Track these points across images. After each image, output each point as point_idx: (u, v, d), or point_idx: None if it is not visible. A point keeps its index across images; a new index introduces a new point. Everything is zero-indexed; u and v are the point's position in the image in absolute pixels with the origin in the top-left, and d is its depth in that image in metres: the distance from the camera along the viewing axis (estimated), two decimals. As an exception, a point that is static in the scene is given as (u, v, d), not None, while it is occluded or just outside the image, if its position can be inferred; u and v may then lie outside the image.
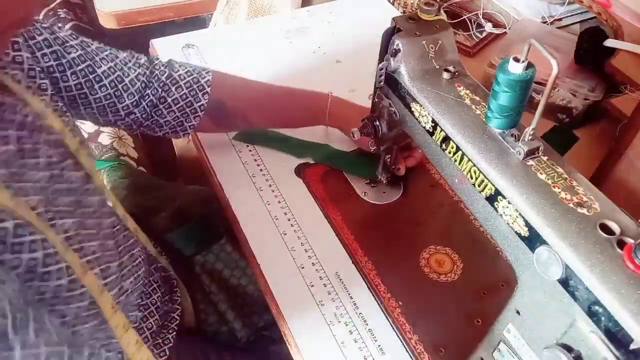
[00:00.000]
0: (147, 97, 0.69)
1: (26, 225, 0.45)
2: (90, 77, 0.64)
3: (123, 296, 0.61)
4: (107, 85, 0.66)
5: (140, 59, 0.71)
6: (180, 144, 1.21)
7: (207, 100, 0.72)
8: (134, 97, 0.68)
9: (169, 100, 0.71)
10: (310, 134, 0.83)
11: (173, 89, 0.71)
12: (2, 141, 0.49)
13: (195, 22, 1.26)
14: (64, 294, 0.48)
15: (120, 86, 0.67)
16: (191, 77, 0.72)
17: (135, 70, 0.69)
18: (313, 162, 0.81)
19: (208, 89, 0.72)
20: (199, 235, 0.84)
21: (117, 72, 0.67)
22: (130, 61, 0.69)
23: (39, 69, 0.59)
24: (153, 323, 0.68)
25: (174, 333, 0.70)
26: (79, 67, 0.63)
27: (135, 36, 1.21)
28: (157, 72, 0.70)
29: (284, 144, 0.82)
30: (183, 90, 0.71)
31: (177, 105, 0.71)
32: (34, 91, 0.56)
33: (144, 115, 0.71)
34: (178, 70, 0.72)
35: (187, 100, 0.71)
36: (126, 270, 0.62)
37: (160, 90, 0.70)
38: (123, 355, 0.58)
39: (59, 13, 1.22)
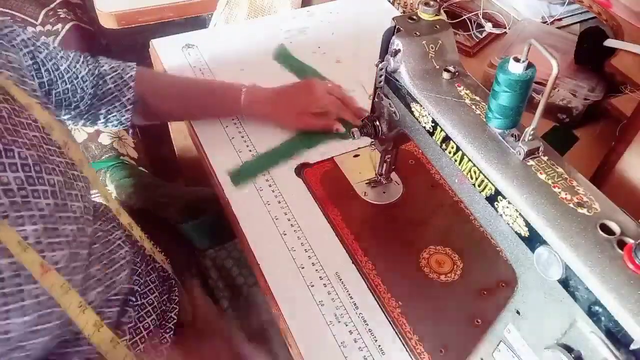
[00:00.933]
0: (87, 91, 0.74)
1: None
2: (56, 73, 0.69)
3: (92, 302, 0.60)
4: (67, 80, 0.71)
5: (86, 57, 0.76)
6: (180, 144, 1.21)
7: (132, 94, 0.77)
8: (83, 92, 0.74)
9: (99, 94, 0.76)
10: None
11: (101, 83, 0.76)
12: None
13: (195, 22, 1.26)
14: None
15: (75, 82, 0.72)
16: (115, 72, 0.76)
17: (86, 68, 0.74)
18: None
19: (132, 84, 0.76)
20: (212, 230, 0.85)
21: (72, 69, 0.72)
22: (79, 60, 0.74)
23: (24, 66, 0.62)
24: (150, 323, 0.68)
25: (172, 333, 0.70)
26: (48, 65, 0.68)
27: (135, 36, 1.21)
28: (90, 67, 0.75)
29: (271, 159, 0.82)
30: (108, 85, 0.76)
31: (107, 100, 0.76)
32: (18, 82, 0.57)
33: (85, 109, 0.76)
34: (103, 66, 0.77)
35: (114, 95, 0.76)
36: (92, 281, 0.61)
37: (94, 85, 0.75)
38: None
39: (59, 13, 1.22)
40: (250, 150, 0.82)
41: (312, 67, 0.96)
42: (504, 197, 0.46)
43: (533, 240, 0.44)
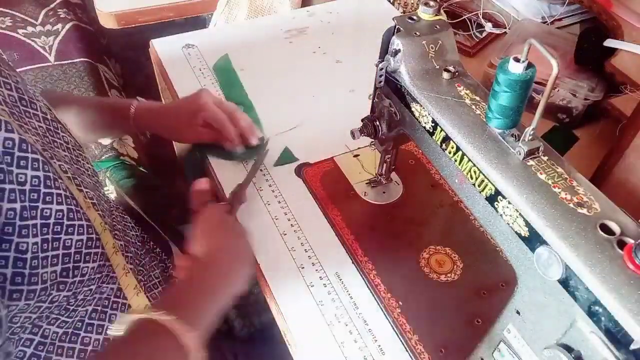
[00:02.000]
0: None
1: (28, 142, 0.47)
2: None
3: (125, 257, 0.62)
4: None
5: None
6: (180, 144, 1.21)
7: None
8: None
9: None
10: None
11: None
12: (5, 87, 0.51)
13: (195, 22, 1.26)
14: (66, 222, 0.50)
15: None
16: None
17: None
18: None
19: None
20: None
21: None
22: None
23: None
24: (150, 297, 0.68)
25: None
26: None
27: (135, 36, 1.21)
28: None
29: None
30: None
31: None
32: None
33: None
34: None
35: None
36: (118, 231, 0.63)
37: None
38: (121, 292, 0.60)
39: (59, 13, 1.22)
40: (250, 150, 0.82)
41: (243, 86, 0.90)
42: (504, 197, 0.46)
43: (533, 240, 0.44)
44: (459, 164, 0.51)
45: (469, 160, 0.50)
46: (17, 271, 0.47)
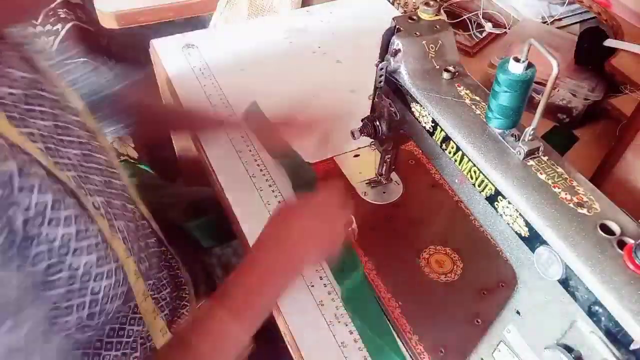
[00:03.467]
0: None
1: (62, 199, 0.46)
2: None
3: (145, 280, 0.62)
4: None
5: None
6: (180, 143, 1.21)
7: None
8: None
9: None
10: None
11: None
12: (41, 116, 0.50)
13: (195, 22, 1.26)
14: (95, 270, 0.50)
15: None
16: None
17: None
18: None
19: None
20: (217, 228, 0.85)
21: None
22: None
23: None
24: (164, 318, 0.68)
25: None
26: None
27: (135, 36, 1.21)
28: None
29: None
30: None
31: None
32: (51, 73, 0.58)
33: None
34: None
35: None
36: (143, 255, 0.63)
37: None
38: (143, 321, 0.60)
39: (59, 13, 1.22)
40: (250, 151, 0.82)
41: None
42: (504, 197, 0.46)
43: (533, 240, 0.44)
44: (459, 164, 0.51)
45: (469, 160, 0.50)
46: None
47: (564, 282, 0.41)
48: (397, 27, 0.57)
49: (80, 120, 0.58)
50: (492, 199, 0.48)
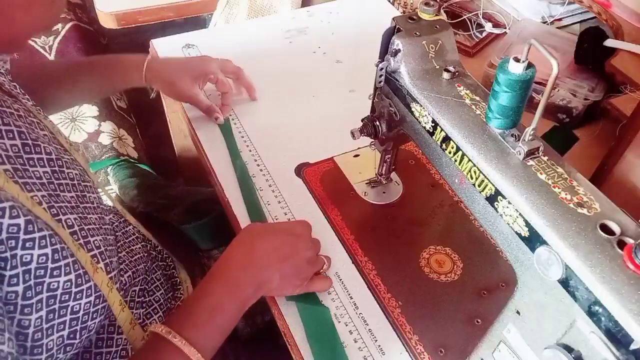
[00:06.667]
0: None
1: (35, 221, 0.46)
2: None
3: (122, 291, 0.61)
4: None
5: None
6: (180, 143, 1.21)
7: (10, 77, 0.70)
8: None
9: None
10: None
11: None
12: (7, 135, 0.49)
13: (195, 22, 1.26)
14: (74, 289, 0.49)
15: None
16: None
17: None
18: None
19: (7, 65, 0.70)
20: (215, 230, 0.85)
21: None
22: None
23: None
24: (157, 320, 0.68)
25: None
26: None
27: (135, 36, 1.21)
28: None
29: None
30: None
31: None
32: (20, 90, 0.57)
33: None
34: None
35: None
36: (124, 265, 0.63)
37: None
38: (127, 351, 0.59)
39: (59, 13, 1.22)
40: (250, 150, 0.82)
41: (240, 153, 0.82)
42: (504, 197, 0.46)
43: (533, 240, 0.44)
44: (459, 164, 0.51)
45: (469, 160, 0.50)
46: (18, 344, 0.45)
47: (564, 282, 0.41)
48: (397, 27, 0.57)
49: (49, 134, 0.58)
50: (492, 199, 0.48)
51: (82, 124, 1.13)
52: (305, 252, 0.62)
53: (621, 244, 0.39)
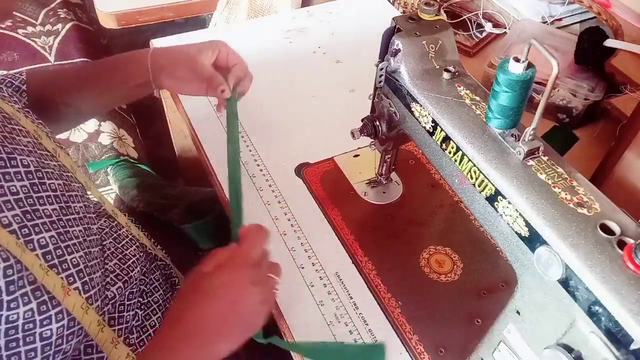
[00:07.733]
0: None
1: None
2: None
3: (109, 305, 0.60)
4: None
5: None
6: (180, 143, 1.21)
7: (26, 98, 0.69)
8: None
9: None
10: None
11: None
12: None
13: (195, 22, 1.26)
14: (38, 317, 0.48)
15: None
16: (4, 82, 0.69)
17: None
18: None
19: (24, 87, 0.69)
20: (215, 230, 0.85)
21: None
22: None
23: None
24: (156, 321, 0.68)
25: None
26: None
27: (135, 36, 1.21)
28: None
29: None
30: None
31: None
32: (6, 92, 0.56)
33: None
34: None
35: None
36: (112, 277, 0.62)
37: None
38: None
39: (59, 13, 1.22)
40: (250, 151, 0.82)
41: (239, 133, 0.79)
42: (504, 197, 0.46)
43: (533, 240, 0.44)
44: (459, 164, 0.51)
45: (469, 160, 0.50)
46: None
47: (564, 282, 0.41)
48: (397, 27, 0.57)
49: (32, 140, 0.56)
50: (492, 199, 0.48)
51: (82, 124, 1.13)
52: (255, 297, 0.54)
53: (621, 244, 0.39)
